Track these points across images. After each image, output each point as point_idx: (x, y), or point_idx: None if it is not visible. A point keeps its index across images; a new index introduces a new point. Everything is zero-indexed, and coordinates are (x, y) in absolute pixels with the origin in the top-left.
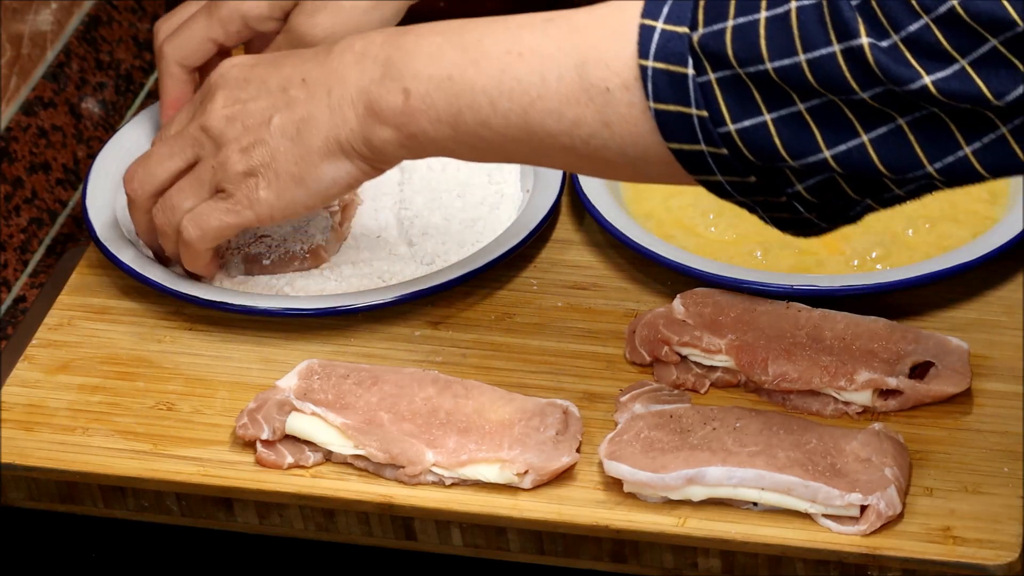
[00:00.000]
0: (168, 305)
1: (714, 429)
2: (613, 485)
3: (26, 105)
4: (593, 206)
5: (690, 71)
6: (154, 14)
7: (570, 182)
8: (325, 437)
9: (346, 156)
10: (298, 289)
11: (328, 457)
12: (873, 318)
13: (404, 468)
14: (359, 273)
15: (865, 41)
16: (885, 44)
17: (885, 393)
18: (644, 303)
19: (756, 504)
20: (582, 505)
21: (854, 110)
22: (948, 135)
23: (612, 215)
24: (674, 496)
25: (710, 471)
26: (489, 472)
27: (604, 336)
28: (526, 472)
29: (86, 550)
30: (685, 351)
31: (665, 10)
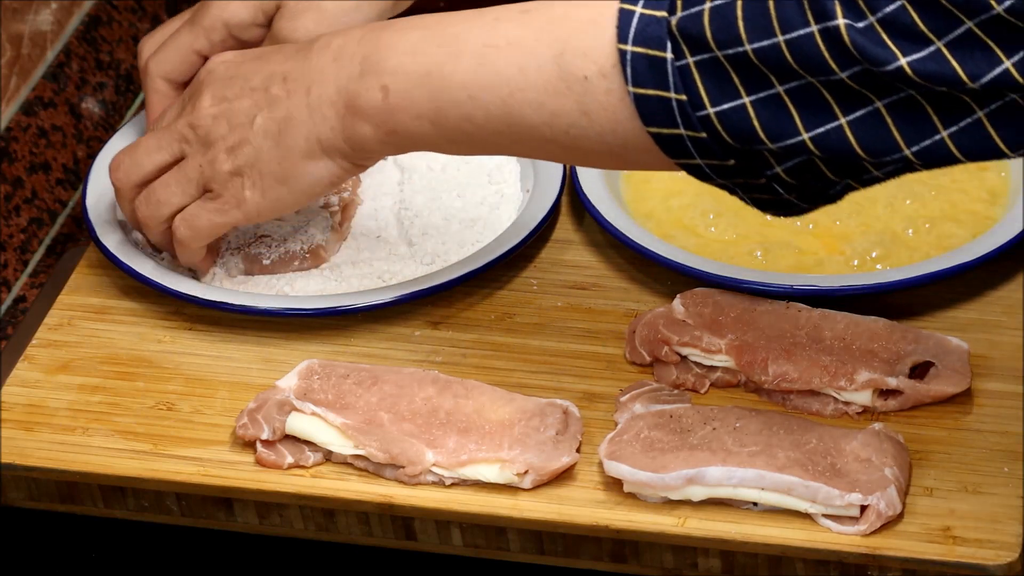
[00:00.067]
0: (168, 305)
1: (714, 429)
2: (613, 485)
3: (26, 105)
4: (593, 206)
5: (669, 55)
6: (154, 14)
7: (570, 182)
8: (325, 437)
9: (327, 155)
10: (298, 289)
11: (328, 457)
12: (873, 318)
13: (404, 468)
14: (359, 273)
15: (841, 22)
16: (861, 25)
17: (885, 393)
18: (644, 303)
19: (756, 504)
20: (582, 505)
21: (832, 92)
22: (925, 118)
23: (612, 215)
24: (674, 496)
25: (710, 471)
26: (489, 472)
27: (604, 336)
28: (526, 472)
29: (86, 550)
30: (685, 351)
31: None
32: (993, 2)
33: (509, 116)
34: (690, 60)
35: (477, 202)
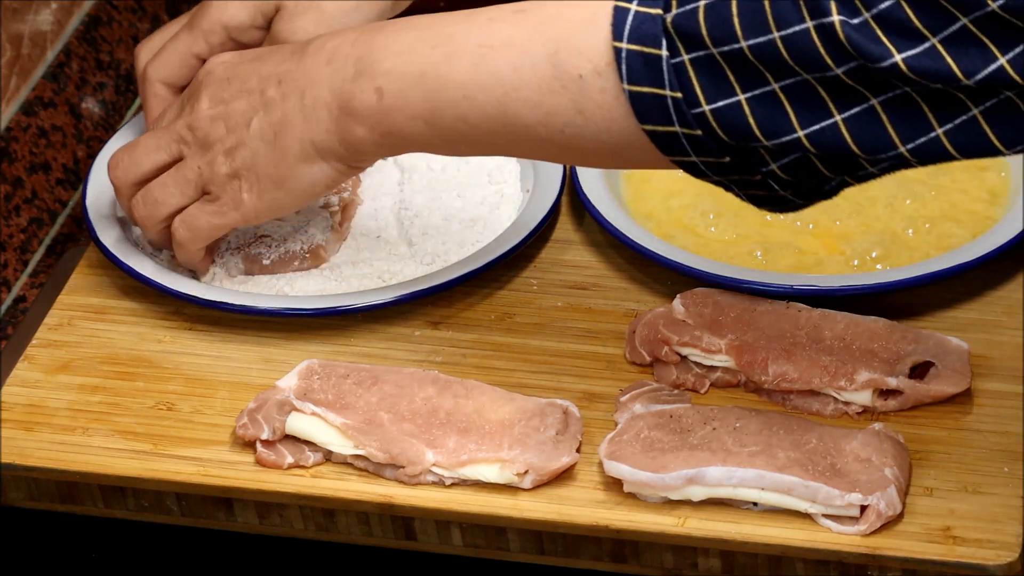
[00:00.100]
0: (168, 305)
1: (714, 429)
2: (613, 485)
3: (26, 105)
4: (593, 206)
5: (664, 52)
6: (154, 14)
7: (570, 182)
8: (325, 437)
9: (322, 158)
10: (298, 289)
11: (328, 457)
12: (873, 318)
13: (404, 468)
14: (359, 273)
15: (836, 19)
16: (856, 21)
17: (885, 393)
18: (644, 303)
19: (756, 504)
20: (582, 505)
21: (828, 89)
22: (920, 116)
23: (612, 215)
24: (674, 496)
25: (710, 471)
26: (489, 472)
27: (604, 336)
28: (526, 472)
29: (86, 550)
30: (685, 351)
31: None
32: None
33: (504, 116)
34: (685, 57)
35: (477, 202)
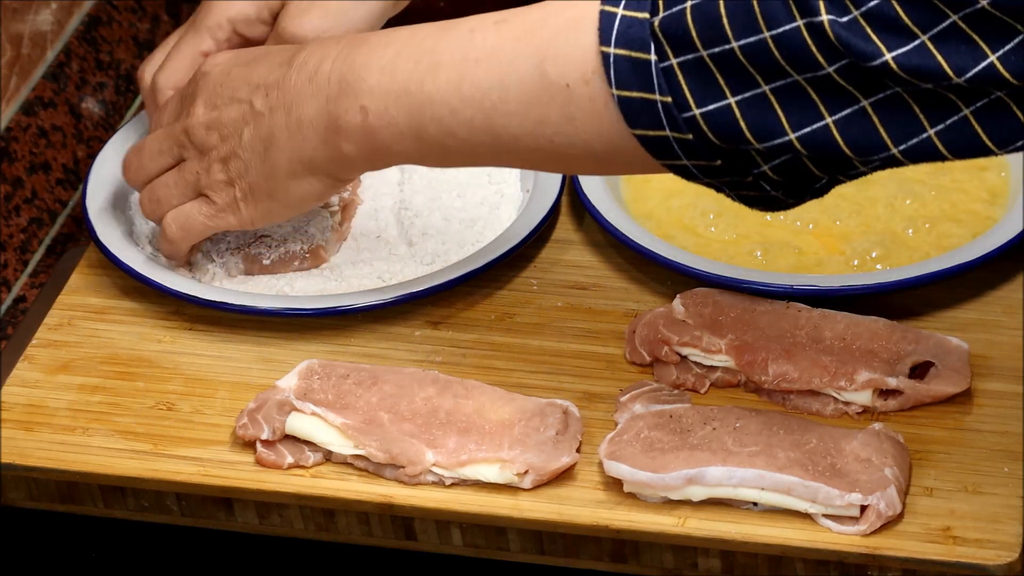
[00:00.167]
0: (168, 305)
1: (714, 429)
2: (613, 485)
3: (26, 105)
4: (593, 206)
5: (652, 56)
6: (154, 14)
7: (570, 182)
8: (325, 437)
9: (311, 174)
10: (298, 289)
11: (328, 457)
12: (873, 318)
13: (404, 468)
14: (359, 273)
15: (825, 18)
16: (845, 19)
17: (885, 393)
18: (644, 303)
19: (756, 504)
20: (582, 505)
21: (818, 90)
22: (912, 116)
23: (612, 215)
24: (674, 496)
25: (710, 471)
26: (489, 472)
27: (604, 336)
28: (526, 472)
29: (86, 550)
30: (685, 351)
31: None
32: None
33: (492, 129)
34: (674, 61)
35: (477, 202)
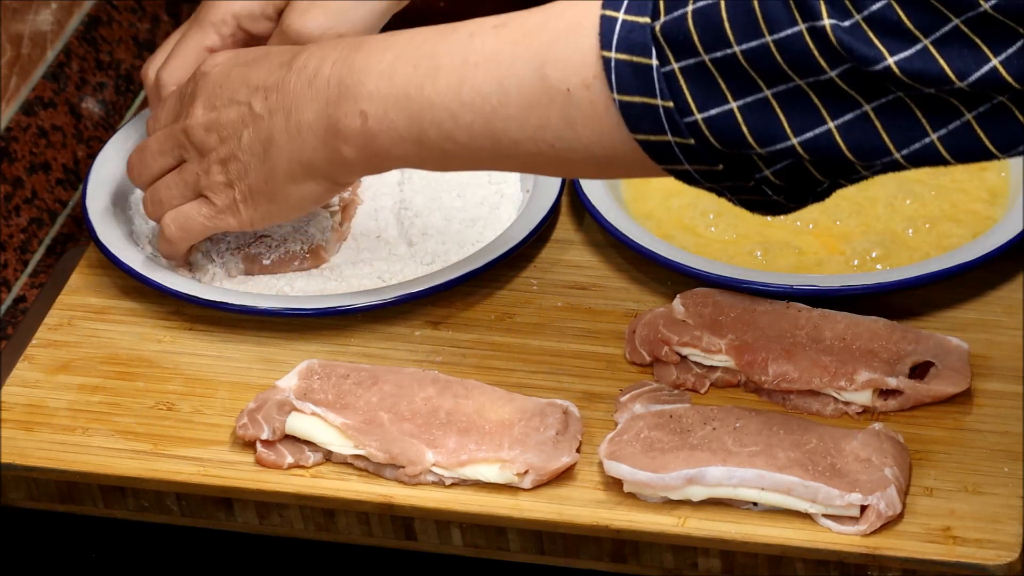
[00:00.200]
0: (168, 305)
1: (714, 429)
2: (613, 485)
3: (26, 105)
4: (593, 206)
5: (654, 61)
6: (154, 14)
7: (570, 182)
8: (325, 437)
9: (311, 177)
10: (298, 289)
11: (328, 457)
12: (873, 318)
13: (404, 468)
14: (359, 273)
15: (827, 23)
16: (847, 24)
17: (885, 393)
18: (644, 303)
19: (756, 504)
20: (582, 505)
21: (820, 95)
22: (914, 121)
23: (612, 215)
24: (674, 496)
25: (710, 471)
26: (489, 472)
27: (604, 336)
28: (526, 472)
29: (86, 550)
30: (685, 351)
31: (626, 0)
32: None
33: (492, 133)
34: (675, 66)
35: (477, 202)
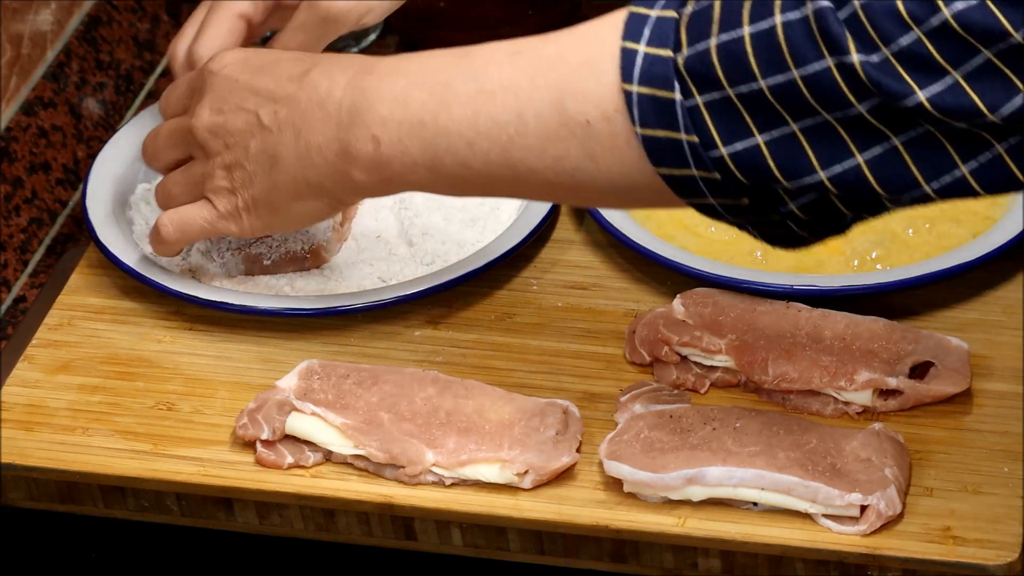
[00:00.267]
0: (168, 305)
1: (714, 429)
2: (613, 485)
3: (26, 105)
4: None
5: (677, 96)
6: (154, 14)
7: None
8: (325, 437)
9: (316, 196)
10: (298, 289)
11: (328, 457)
12: (873, 318)
13: (404, 468)
14: (359, 273)
15: (856, 59)
16: (876, 59)
17: (885, 393)
18: (644, 303)
19: (756, 504)
20: (582, 505)
21: (848, 129)
22: (944, 154)
23: (612, 215)
24: (674, 496)
25: (710, 471)
26: (489, 472)
27: (604, 336)
28: (526, 472)
29: (86, 550)
30: (685, 351)
31: (647, 32)
32: (1011, 30)
33: (509, 162)
34: (699, 100)
35: (477, 202)
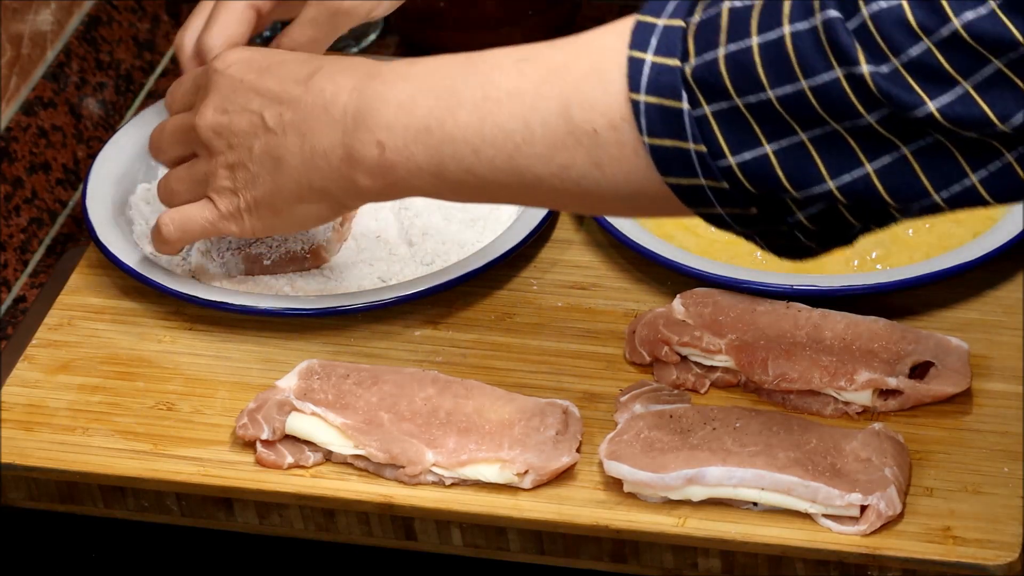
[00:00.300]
0: (168, 305)
1: (714, 429)
2: (613, 485)
3: (26, 105)
4: None
5: (685, 105)
6: (154, 14)
7: None
8: (325, 437)
9: (319, 199)
10: (298, 289)
11: (328, 457)
12: (873, 318)
13: (404, 468)
14: (359, 273)
15: (865, 69)
16: (886, 70)
17: (885, 393)
18: (644, 303)
19: (756, 504)
20: (582, 505)
21: (857, 138)
22: (953, 164)
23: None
24: (674, 496)
25: (710, 471)
26: (489, 472)
27: (604, 336)
28: (526, 472)
29: (86, 550)
30: (685, 351)
31: (654, 41)
32: (1021, 40)
33: (515, 169)
34: (707, 109)
35: None
